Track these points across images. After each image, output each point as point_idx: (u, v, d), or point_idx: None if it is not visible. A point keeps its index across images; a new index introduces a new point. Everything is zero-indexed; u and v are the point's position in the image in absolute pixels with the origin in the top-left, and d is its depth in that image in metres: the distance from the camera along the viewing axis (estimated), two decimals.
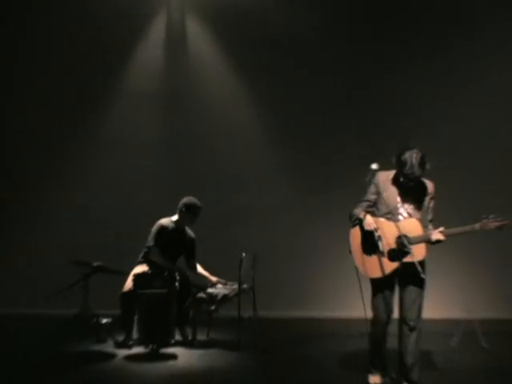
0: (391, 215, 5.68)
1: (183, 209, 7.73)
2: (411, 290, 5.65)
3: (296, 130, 9.66)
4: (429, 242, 5.55)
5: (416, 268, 5.31)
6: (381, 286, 5.69)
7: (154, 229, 7.74)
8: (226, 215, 9.50)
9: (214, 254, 8.60)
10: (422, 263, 5.48)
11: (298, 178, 9.61)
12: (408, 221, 5.64)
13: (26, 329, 8.48)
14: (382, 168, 5.71)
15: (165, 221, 7.81)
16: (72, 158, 9.74)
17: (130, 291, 7.35)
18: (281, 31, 9.67)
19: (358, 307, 5.90)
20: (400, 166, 5.58)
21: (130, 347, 7.27)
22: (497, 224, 5.47)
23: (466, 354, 7.17)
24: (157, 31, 9.96)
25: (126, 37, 9.81)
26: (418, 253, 5.46)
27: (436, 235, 5.51)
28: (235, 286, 7.60)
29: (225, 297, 7.68)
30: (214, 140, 9.76)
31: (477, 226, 5.47)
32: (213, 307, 7.67)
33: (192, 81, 9.88)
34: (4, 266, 9.52)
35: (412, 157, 5.53)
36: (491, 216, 5.49)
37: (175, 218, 7.84)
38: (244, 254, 7.52)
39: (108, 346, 7.37)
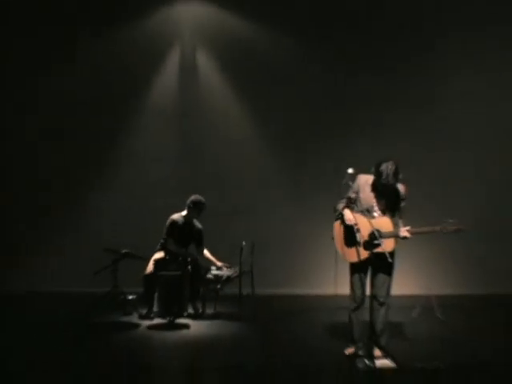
0: (367, 212, 6.06)
1: (191, 205, 8.27)
2: (381, 274, 6.08)
3: (290, 140, 10.09)
4: (397, 237, 5.94)
5: (386, 256, 5.74)
6: (357, 269, 6.10)
7: (167, 223, 8.31)
8: (230, 211, 9.88)
9: (220, 242, 9.08)
10: (391, 252, 5.92)
11: (286, 180, 10.09)
12: (382, 219, 6.01)
13: (68, 303, 8.99)
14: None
15: (175, 216, 8.34)
16: (106, 167, 10.32)
17: (151, 273, 7.97)
18: (274, 61, 10.14)
19: (334, 286, 6.64)
20: (377, 175, 5.95)
21: (151, 319, 7.80)
22: (454, 228, 5.83)
23: (424, 324, 7.70)
24: (172, 63, 10.37)
25: (146, 67, 10.28)
26: (387, 245, 5.86)
27: (403, 233, 5.90)
28: (237, 269, 8.16)
29: (228, 278, 8.22)
30: (220, 150, 10.22)
31: (437, 228, 5.87)
32: (218, 286, 8.19)
33: (201, 104, 10.31)
34: (53, 253, 9.95)
35: (387, 168, 5.88)
36: (450, 220, 5.85)
37: (184, 212, 8.36)
38: (244, 243, 8.12)
39: (133, 318, 7.92)
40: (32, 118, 10.35)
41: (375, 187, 6.10)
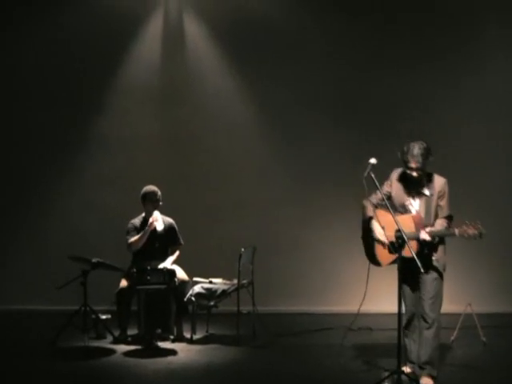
0: (402, 209, 5.85)
1: (142, 200, 7.85)
2: (424, 285, 5.78)
3: (292, 125, 9.62)
4: (417, 240, 5.65)
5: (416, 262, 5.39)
6: (405, 278, 5.75)
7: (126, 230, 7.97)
8: (224, 210, 9.52)
9: (213, 248, 8.94)
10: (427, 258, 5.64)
11: (292, 173, 9.58)
12: (403, 216, 5.76)
13: (26, 325, 8.64)
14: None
15: (135, 219, 7.97)
16: (73, 155, 9.74)
17: (125, 288, 7.51)
18: (277, 28, 9.65)
19: (355, 302, 6.24)
20: (402, 155, 5.73)
21: (128, 343, 7.37)
22: (474, 233, 5.52)
23: (465, 348, 7.21)
24: (154, 28, 9.85)
25: (124, 35, 9.77)
26: (409, 248, 5.53)
27: (423, 235, 5.63)
28: (235, 281, 7.69)
29: (224, 292, 7.75)
30: (211, 135, 9.76)
31: (456, 231, 5.59)
32: (212, 303, 7.74)
33: (188, 77, 9.81)
34: (7, 263, 9.61)
35: (415, 147, 5.66)
36: (472, 224, 5.55)
37: (144, 213, 8.00)
38: (243, 249, 7.62)
39: (106, 342, 7.49)
40: None
41: (405, 178, 5.90)
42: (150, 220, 7.71)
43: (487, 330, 7.55)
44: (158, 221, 7.75)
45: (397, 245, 5.62)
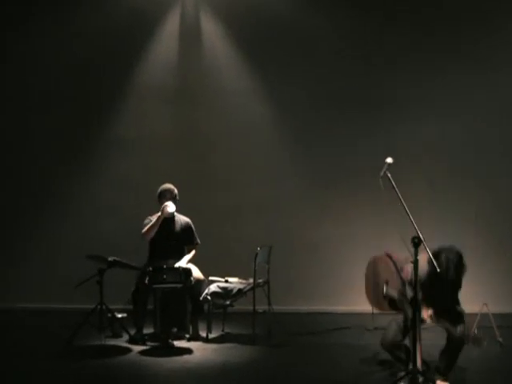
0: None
1: (157, 199, 7.84)
2: None
3: (311, 124, 9.57)
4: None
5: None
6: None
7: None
8: (241, 209, 9.51)
9: (228, 247, 8.93)
10: None
11: (310, 173, 9.54)
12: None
13: (42, 323, 8.61)
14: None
15: (151, 216, 7.91)
16: (89, 156, 9.78)
17: (142, 287, 7.40)
18: (297, 27, 9.59)
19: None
20: (435, 266, 5.39)
21: (144, 342, 7.32)
22: (473, 342, 5.40)
23: (481, 350, 6.79)
24: (171, 27, 9.83)
25: (140, 32, 9.78)
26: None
27: (424, 315, 5.47)
28: (250, 280, 7.64)
29: (239, 291, 7.71)
30: (227, 135, 9.73)
31: (457, 331, 5.40)
32: (228, 302, 7.69)
33: (205, 75, 9.80)
34: (24, 263, 9.61)
35: (448, 262, 5.46)
36: (475, 332, 5.65)
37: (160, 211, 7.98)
38: (259, 248, 7.58)
39: (122, 341, 7.46)
40: None
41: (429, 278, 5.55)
42: (162, 206, 7.68)
43: (503, 330, 7.43)
44: (170, 206, 7.69)
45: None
